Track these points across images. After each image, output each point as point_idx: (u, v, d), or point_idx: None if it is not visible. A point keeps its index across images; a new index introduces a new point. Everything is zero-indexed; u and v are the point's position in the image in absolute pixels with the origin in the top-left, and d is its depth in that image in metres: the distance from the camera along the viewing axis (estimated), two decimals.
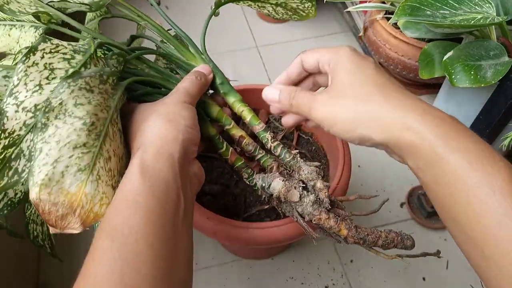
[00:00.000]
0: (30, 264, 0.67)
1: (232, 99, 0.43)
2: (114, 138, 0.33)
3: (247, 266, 0.71)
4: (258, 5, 0.48)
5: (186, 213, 0.33)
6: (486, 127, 0.66)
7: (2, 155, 0.29)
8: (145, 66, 0.43)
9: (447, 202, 0.29)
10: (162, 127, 0.34)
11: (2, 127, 0.29)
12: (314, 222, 0.36)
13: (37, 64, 0.31)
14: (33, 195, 0.28)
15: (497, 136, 0.69)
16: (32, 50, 0.31)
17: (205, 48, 0.44)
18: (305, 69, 0.39)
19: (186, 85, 0.38)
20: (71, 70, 0.32)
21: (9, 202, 0.36)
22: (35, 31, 0.42)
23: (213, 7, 0.44)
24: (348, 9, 0.89)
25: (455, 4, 0.58)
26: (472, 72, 0.59)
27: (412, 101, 0.31)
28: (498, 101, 0.63)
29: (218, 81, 0.43)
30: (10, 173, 0.30)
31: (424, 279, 0.70)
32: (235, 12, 1.17)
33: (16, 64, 0.36)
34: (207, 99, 0.42)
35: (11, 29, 0.43)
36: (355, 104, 0.32)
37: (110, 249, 0.27)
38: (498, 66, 0.58)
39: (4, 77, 0.36)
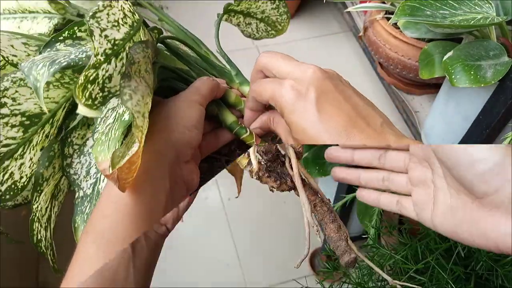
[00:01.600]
0: (30, 264, 0.67)
1: (247, 89, 0.44)
2: None
3: None
4: (245, 23, 0.52)
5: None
6: (486, 127, 0.66)
7: (87, 72, 0.28)
8: (167, 53, 0.44)
9: None
10: (158, 124, 0.34)
11: (94, 44, 0.28)
12: None
13: (117, 2, 0.31)
14: (137, 137, 0.27)
15: (497, 136, 0.69)
16: None
17: (220, 46, 0.46)
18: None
19: (198, 83, 0.38)
20: (135, 24, 0.32)
21: (12, 186, 0.34)
22: (49, 22, 0.41)
23: (218, 19, 0.47)
24: (348, 9, 0.89)
25: (455, 4, 0.58)
26: (472, 72, 0.59)
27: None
28: (498, 101, 0.63)
29: (233, 72, 0.45)
30: (87, 95, 0.29)
31: None
32: None
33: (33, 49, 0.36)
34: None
35: (21, 21, 0.41)
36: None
37: (96, 256, 0.27)
38: (498, 66, 0.58)
39: (24, 44, 0.35)
